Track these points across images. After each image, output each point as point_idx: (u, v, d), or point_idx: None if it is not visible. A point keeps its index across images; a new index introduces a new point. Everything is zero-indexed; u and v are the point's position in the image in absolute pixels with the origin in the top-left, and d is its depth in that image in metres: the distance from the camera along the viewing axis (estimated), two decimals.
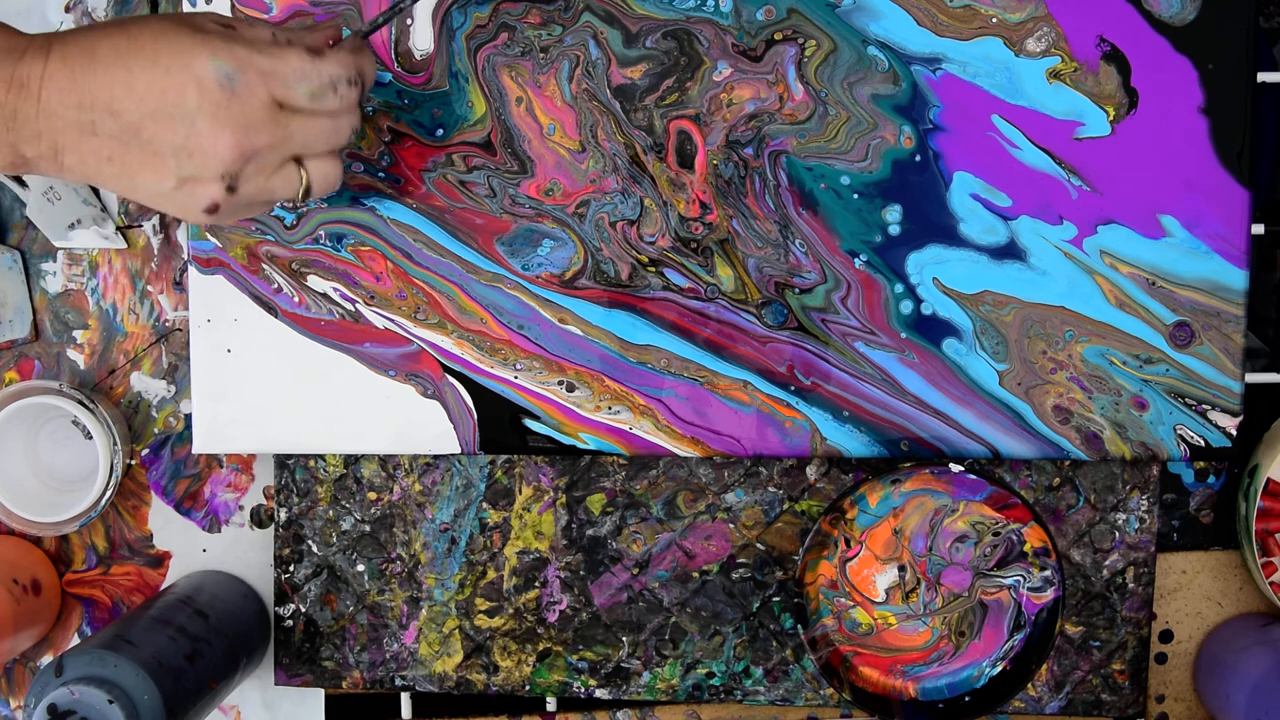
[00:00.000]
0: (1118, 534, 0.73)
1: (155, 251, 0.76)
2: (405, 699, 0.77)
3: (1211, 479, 0.74)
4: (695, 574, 0.74)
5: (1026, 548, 0.70)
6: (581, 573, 0.75)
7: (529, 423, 0.72)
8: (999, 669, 0.71)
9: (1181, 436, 0.70)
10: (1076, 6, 0.68)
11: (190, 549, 0.78)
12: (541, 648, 0.75)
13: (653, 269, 0.71)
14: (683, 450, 0.71)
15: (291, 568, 0.76)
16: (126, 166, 0.53)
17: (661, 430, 0.71)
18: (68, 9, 0.75)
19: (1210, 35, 0.68)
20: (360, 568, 0.76)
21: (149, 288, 0.76)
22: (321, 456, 0.75)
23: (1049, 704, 0.74)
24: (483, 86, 0.70)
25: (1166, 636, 0.75)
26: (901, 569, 0.70)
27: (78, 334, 0.77)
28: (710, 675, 0.75)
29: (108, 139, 0.52)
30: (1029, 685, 0.72)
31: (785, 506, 0.74)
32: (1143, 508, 0.72)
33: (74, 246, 0.76)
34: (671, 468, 0.74)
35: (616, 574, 0.74)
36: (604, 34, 0.70)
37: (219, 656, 0.70)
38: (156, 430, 0.77)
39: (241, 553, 0.77)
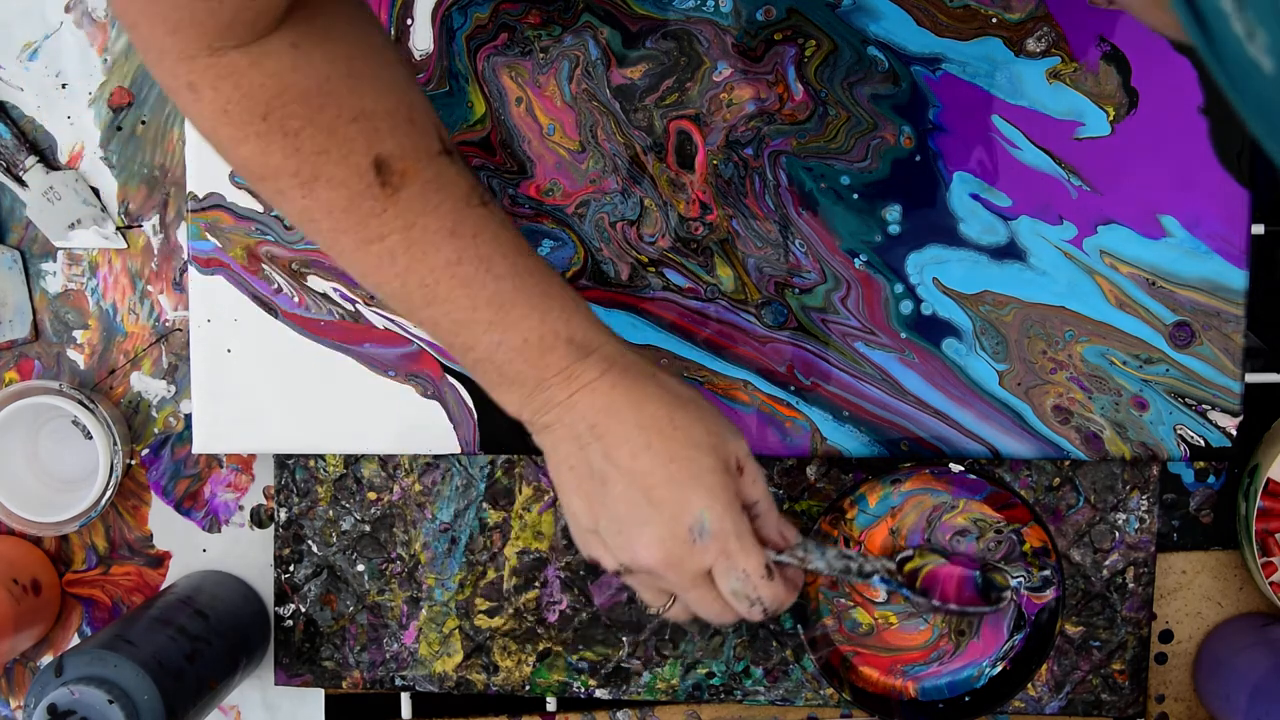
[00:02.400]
0: (1118, 534, 0.73)
1: (155, 251, 0.76)
2: (405, 699, 0.77)
3: (1211, 479, 0.74)
4: None
5: (1026, 548, 0.70)
6: (581, 573, 0.75)
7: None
8: (999, 669, 0.71)
9: (1181, 436, 0.70)
10: (1076, 6, 0.68)
11: (190, 549, 0.78)
12: (541, 648, 0.75)
13: (653, 269, 0.71)
14: None
15: (291, 568, 0.76)
16: (576, 487, 0.57)
17: None
18: (68, 9, 0.75)
19: None
20: (360, 568, 0.76)
21: (149, 288, 0.76)
22: (321, 456, 0.75)
23: (1049, 704, 0.74)
24: (482, 87, 0.70)
25: (1166, 636, 0.75)
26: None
27: (78, 334, 0.77)
28: (710, 675, 0.75)
29: (583, 463, 0.57)
30: (1029, 685, 0.72)
31: (785, 506, 0.74)
32: (1143, 508, 0.72)
33: (74, 246, 0.76)
34: None
35: None
36: (604, 34, 0.70)
37: (219, 656, 0.70)
38: (156, 430, 0.77)
39: (241, 553, 0.77)
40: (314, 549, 0.76)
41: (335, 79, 0.53)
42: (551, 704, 0.77)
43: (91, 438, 0.76)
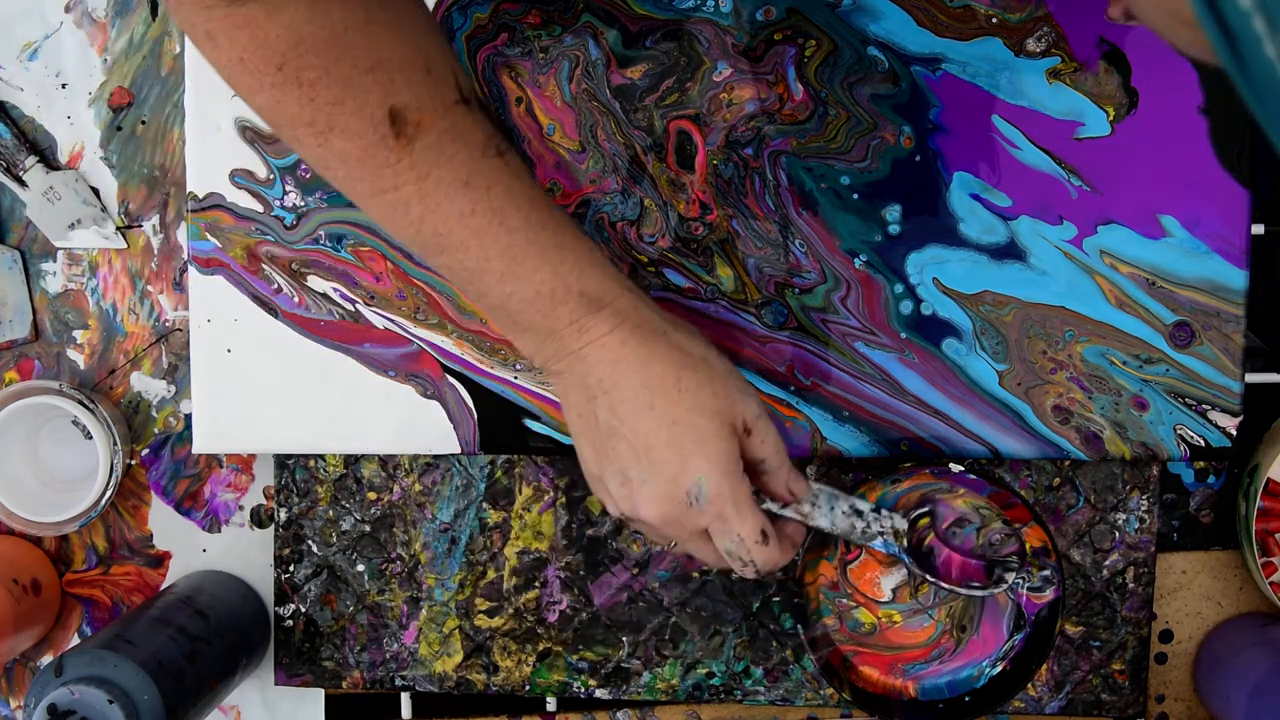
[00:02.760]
0: (1118, 534, 0.73)
1: (155, 251, 0.76)
2: (405, 699, 0.77)
3: (1211, 479, 0.74)
4: (695, 574, 0.74)
5: (1026, 548, 0.70)
6: (581, 573, 0.75)
7: (529, 423, 0.72)
8: (999, 669, 0.71)
9: (1181, 436, 0.70)
10: (1076, 6, 0.68)
11: (190, 549, 0.77)
12: (541, 648, 0.75)
13: (653, 269, 0.71)
14: None
15: (291, 568, 0.76)
16: (584, 434, 0.59)
17: None
18: (68, 9, 0.75)
19: None
20: (360, 568, 0.76)
21: (149, 288, 0.76)
22: (321, 456, 0.75)
23: (1049, 704, 0.74)
24: (482, 87, 0.70)
25: (1166, 636, 0.75)
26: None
27: (78, 334, 0.77)
28: (710, 675, 0.75)
29: (590, 414, 0.58)
30: (1029, 685, 0.72)
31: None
32: (1143, 508, 0.72)
33: (74, 246, 0.76)
34: None
35: (616, 574, 0.74)
36: (604, 34, 0.70)
37: (219, 656, 0.70)
38: (156, 430, 0.77)
39: (241, 553, 0.77)
40: (314, 549, 0.76)
41: (352, 29, 0.53)
42: (551, 704, 0.77)
43: (91, 438, 0.76)
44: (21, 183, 0.75)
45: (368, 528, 0.75)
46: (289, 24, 0.52)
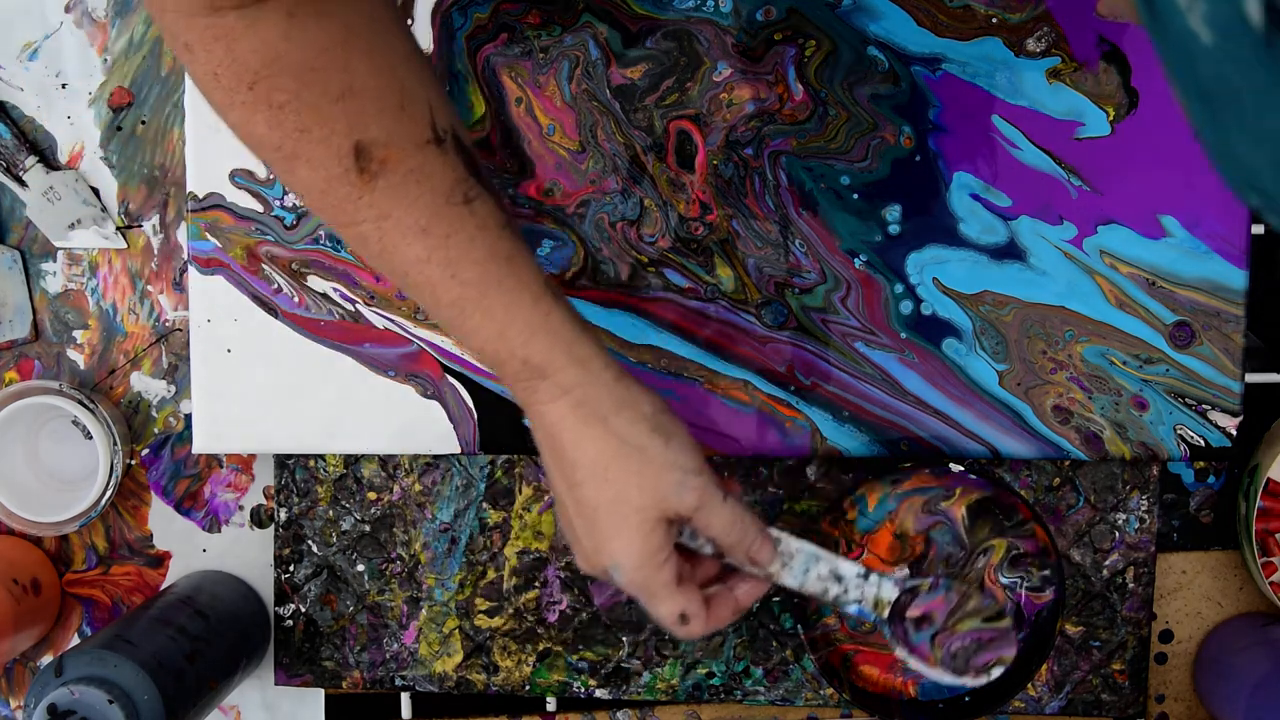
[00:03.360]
0: (1118, 534, 0.73)
1: (155, 251, 0.76)
2: (405, 699, 0.77)
3: (1211, 479, 0.74)
4: None
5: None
6: (581, 573, 0.75)
7: (529, 423, 0.72)
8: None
9: (1181, 436, 0.70)
10: (1076, 6, 0.68)
11: (190, 549, 0.77)
12: (541, 648, 0.75)
13: (653, 269, 0.71)
14: None
15: (291, 568, 0.76)
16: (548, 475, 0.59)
17: None
18: (68, 9, 0.75)
19: None
20: (360, 568, 0.76)
21: (149, 288, 0.76)
22: (321, 456, 0.75)
23: (1049, 704, 0.74)
24: (482, 87, 0.70)
25: (1166, 636, 0.75)
26: (916, 562, 0.70)
27: (78, 334, 0.77)
28: (710, 675, 0.75)
29: (542, 454, 0.59)
30: (1029, 685, 0.72)
31: (785, 506, 0.74)
32: (1143, 508, 0.72)
33: (74, 246, 0.76)
34: None
35: None
36: (604, 34, 0.70)
37: (219, 656, 0.70)
38: (156, 430, 0.77)
39: (241, 553, 0.77)
40: (314, 549, 0.76)
41: (330, 50, 0.51)
42: (551, 704, 0.77)
43: (91, 438, 0.76)
44: (21, 183, 0.75)
45: (368, 528, 0.75)
46: (265, 40, 0.50)
